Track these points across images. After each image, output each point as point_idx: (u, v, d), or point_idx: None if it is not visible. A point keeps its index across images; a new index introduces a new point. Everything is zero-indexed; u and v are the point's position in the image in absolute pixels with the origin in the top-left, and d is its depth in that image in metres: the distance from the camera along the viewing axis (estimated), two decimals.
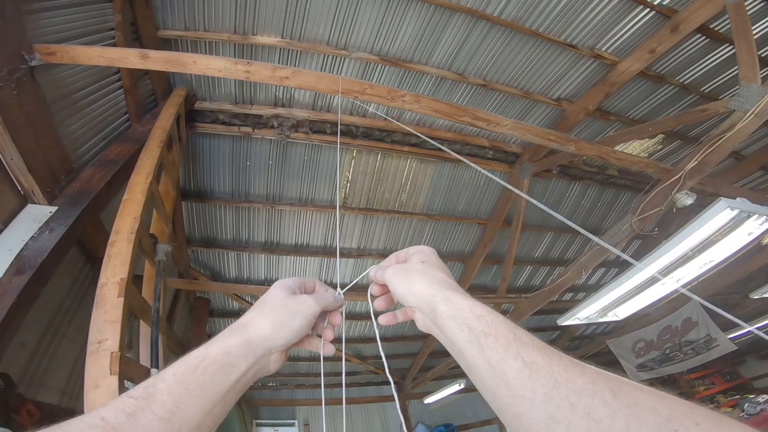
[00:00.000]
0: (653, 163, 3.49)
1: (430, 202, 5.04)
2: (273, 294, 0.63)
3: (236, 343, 0.53)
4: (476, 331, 0.46)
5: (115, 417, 0.41)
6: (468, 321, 0.48)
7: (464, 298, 0.52)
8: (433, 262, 0.63)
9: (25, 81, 2.09)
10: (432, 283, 0.57)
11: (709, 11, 3.14)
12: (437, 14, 3.25)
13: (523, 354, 0.41)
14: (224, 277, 5.29)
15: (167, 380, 0.47)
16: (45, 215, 2.20)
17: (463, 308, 0.50)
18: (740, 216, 2.86)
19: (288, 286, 0.65)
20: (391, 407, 8.17)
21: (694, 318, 6.73)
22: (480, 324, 0.47)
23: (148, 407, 0.43)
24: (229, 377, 0.51)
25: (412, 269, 0.62)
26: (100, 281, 1.78)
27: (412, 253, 0.67)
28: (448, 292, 0.54)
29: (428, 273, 0.60)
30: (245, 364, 0.53)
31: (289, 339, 0.58)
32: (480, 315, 0.48)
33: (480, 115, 2.91)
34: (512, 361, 0.41)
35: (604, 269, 6.88)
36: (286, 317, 0.59)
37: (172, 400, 0.44)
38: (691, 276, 3.57)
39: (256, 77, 2.44)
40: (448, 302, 0.52)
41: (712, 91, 4.15)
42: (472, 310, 0.49)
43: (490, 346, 0.44)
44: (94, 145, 2.78)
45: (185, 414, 0.45)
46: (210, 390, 0.48)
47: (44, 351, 2.75)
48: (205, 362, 0.50)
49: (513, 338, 0.44)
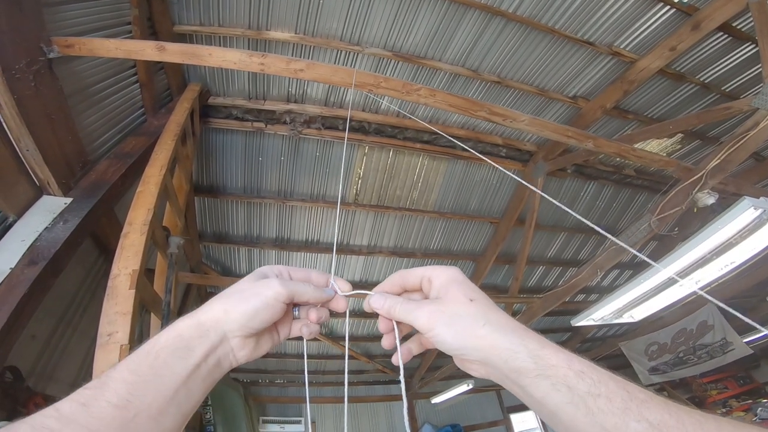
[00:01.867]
0: (674, 162, 3.41)
1: (442, 200, 4.99)
2: (240, 281, 0.58)
3: (186, 325, 0.51)
4: (580, 391, 0.40)
5: (69, 407, 0.41)
6: (567, 380, 0.41)
7: (555, 352, 0.44)
8: (485, 299, 0.51)
9: (43, 73, 2.10)
10: (505, 334, 0.47)
11: (732, 9, 3.06)
12: (451, 10, 3.21)
13: (647, 414, 0.36)
14: (235, 273, 5.30)
15: (120, 369, 0.46)
16: (60, 206, 2.20)
17: (557, 365, 0.42)
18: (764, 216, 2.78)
19: (260, 273, 0.59)
20: (398, 406, 8.13)
21: (710, 321, 6.59)
22: (584, 383, 0.40)
23: (101, 396, 0.42)
24: (187, 362, 0.48)
25: (465, 314, 0.49)
26: (112, 272, 1.77)
27: (442, 283, 0.54)
28: (532, 345, 0.45)
29: (492, 320, 0.48)
30: (201, 348, 0.50)
31: (241, 322, 0.52)
32: (581, 371, 0.41)
33: (496, 110, 2.86)
34: (635, 424, 0.36)
35: (618, 270, 6.77)
36: (240, 299, 0.54)
37: (125, 388, 0.43)
38: (710, 278, 3.48)
39: (270, 69, 2.42)
40: (536, 358, 0.43)
41: (733, 90, 4.05)
42: (570, 366, 0.42)
43: (602, 408, 0.38)
44: (109, 138, 2.79)
45: (142, 401, 0.43)
46: (166, 375, 0.46)
47: (55, 344, 2.77)
48: (156, 348, 0.48)
49: (629, 397, 0.38)
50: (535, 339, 0.45)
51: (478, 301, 0.51)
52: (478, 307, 0.50)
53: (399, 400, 8.09)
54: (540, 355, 0.43)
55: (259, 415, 7.15)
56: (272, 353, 6.90)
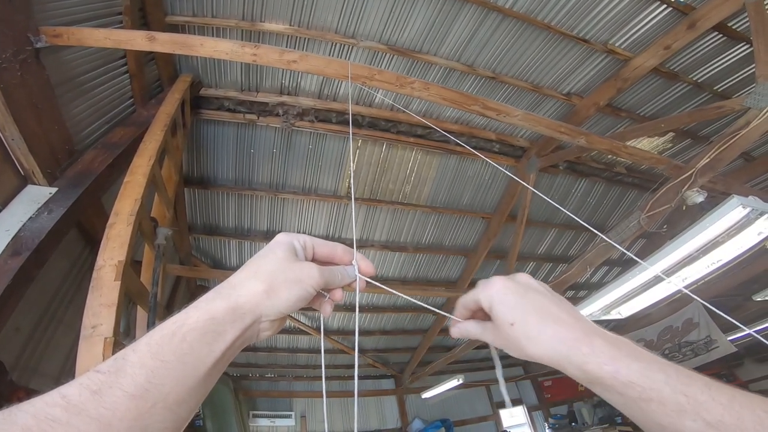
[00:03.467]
0: (665, 159, 3.44)
1: (435, 195, 4.99)
2: (274, 251, 0.53)
3: (222, 308, 0.46)
4: (631, 397, 0.42)
5: (78, 394, 0.36)
6: (615, 389, 0.43)
7: (600, 365, 0.44)
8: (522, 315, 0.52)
9: (30, 63, 2.08)
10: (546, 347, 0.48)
11: (729, 9, 3.07)
12: (448, 4, 3.18)
13: (705, 415, 0.38)
14: (225, 266, 5.26)
15: (140, 351, 0.40)
16: (45, 196, 2.16)
17: (603, 377, 0.44)
18: (751, 214, 2.82)
19: (292, 246, 0.55)
20: (388, 401, 8.19)
21: (695, 319, 6.71)
22: (633, 392, 0.42)
23: (116, 383, 0.37)
24: (213, 347, 0.44)
25: (510, 337, 0.52)
26: (97, 263, 1.74)
27: (488, 306, 0.55)
28: (576, 359, 0.46)
29: (532, 337, 0.50)
30: (233, 332, 0.45)
31: (281, 310, 0.50)
32: (629, 383, 0.42)
33: (490, 105, 2.86)
34: (690, 423, 0.38)
35: (607, 267, 6.85)
36: (283, 284, 0.50)
37: (144, 374, 0.38)
38: (697, 275, 3.53)
39: (263, 60, 2.39)
40: (583, 372, 0.45)
41: (725, 90, 4.08)
42: (615, 378, 0.43)
43: (655, 411, 0.40)
44: (97, 128, 2.76)
45: (160, 390, 0.39)
46: (189, 362, 0.42)
47: (39, 337, 2.71)
48: (183, 329, 0.43)
49: (686, 401, 0.39)
50: (577, 352, 0.46)
51: (517, 323, 0.51)
52: (517, 330, 0.51)
53: (389, 395, 8.14)
54: (585, 370, 0.45)
55: (249, 409, 7.14)
56: (262, 347, 6.88)
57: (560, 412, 9.23)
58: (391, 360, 8.13)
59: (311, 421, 7.45)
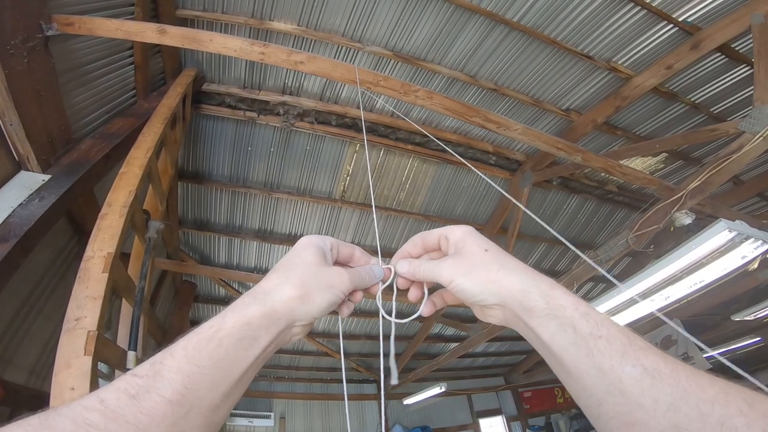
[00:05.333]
0: (656, 180, 3.51)
1: (429, 203, 5.01)
2: (304, 256, 0.54)
3: (258, 313, 0.46)
4: (583, 332, 0.41)
5: (116, 399, 0.36)
6: (573, 321, 0.42)
7: (564, 294, 0.45)
8: (499, 249, 0.53)
9: (38, 50, 2.06)
10: (519, 275, 0.48)
11: (734, 30, 3.11)
12: (456, 14, 3.21)
13: (643, 360, 0.37)
14: (213, 262, 5.18)
15: (177, 355, 0.41)
16: (37, 183, 2.11)
17: (565, 305, 0.43)
18: (737, 238, 2.89)
19: (321, 250, 0.56)
20: (369, 406, 8.13)
21: (674, 336, 6.86)
22: (588, 324, 0.41)
23: (154, 387, 0.37)
24: (248, 353, 0.44)
25: (482, 262, 0.51)
26: (86, 254, 1.71)
27: (458, 238, 0.55)
28: (544, 285, 0.46)
29: (507, 264, 0.50)
30: (267, 337, 0.46)
31: (314, 315, 0.51)
32: (586, 313, 0.42)
33: (491, 117, 2.89)
34: (630, 368, 0.37)
35: (593, 283, 6.96)
36: (316, 290, 0.51)
37: (181, 379, 0.39)
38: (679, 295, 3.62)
39: (270, 59, 2.38)
40: (546, 298, 0.45)
41: (722, 112, 4.14)
42: (576, 308, 0.43)
43: (601, 350, 0.39)
44: (97, 118, 2.72)
45: (195, 395, 0.39)
46: (224, 368, 0.42)
47: (17, 327, 2.64)
48: (220, 334, 0.43)
49: (628, 342, 0.39)
50: (546, 280, 0.47)
51: (492, 250, 0.53)
52: (491, 255, 0.52)
53: (371, 400, 8.10)
54: (550, 295, 0.45)
55: None
56: None
57: (538, 423, 9.31)
58: (375, 365, 8.09)
59: (290, 422, 7.35)
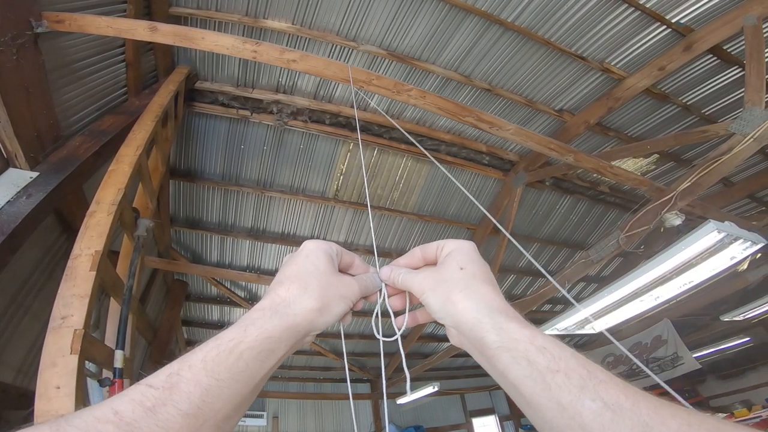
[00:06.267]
0: (647, 181, 3.54)
1: (422, 203, 5.01)
2: (317, 264, 0.53)
3: (280, 327, 0.45)
4: (539, 366, 0.39)
5: (131, 411, 0.34)
6: (527, 354, 0.41)
7: (520, 326, 0.43)
8: (477, 270, 0.51)
9: (28, 47, 2.03)
10: (477, 302, 0.47)
11: (727, 32, 3.15)
12: (451, 14, 3.22)
13: (603, 394, 0.36)
14: (205, 261, 5.15)
15: (195, 367, 0.39)
16: (25, 180, 2.08)
17: (519, 339, 0.42)
18: (726, 239, 2.93)
19: (330, 257, 0.55)
20: (363, 405, 8.14)
21: (664, 336, 6.96)
22: (544, 358, 0.40)
23: (170, 400, 0.36)
24: (265, 364, 0.44)
25: (450, 280, 0.50)
26: (74, 252, 1.69)
27: (447, 252, 0.55)
28: (499, 318, 0.44)
29: (471, 288, 0.48)
30: (283, 348, 0.46)
31: (329, 324, 0.51)
32: (543, 347, 0.40)
33: (484, 117, 2.89)
34: (589, 402, 0.36)
35: (584, 283, 7.01)
36: (332, 300, 0.51)
37: (199, 393, 0.37)
38: (669, 295, 3.66)
39: (263, 58, 2.37)
40: (499, 331, 0.43)
41: (713, 114, 4.18)
42: (532, 342, 0.41)
43: (559, 384, 0.38)
44: (87, 115, 2.68)
45: (211, 408, 0.38)
46: (241, 380, 0.41)
47: (5, 325, 2.61)
48: (241, 347, 0.42)
49: (587, 375, 0.38)
50: (503, 313, 0.45)
51: (468, 270, 0.51)
52: (464, 275, 0.50)
53: (364, 399, 8.09)
54: (504, 328, 0.43)
55: None
56: None
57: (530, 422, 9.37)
58: (368, 364, 8.10)
59: (283, 422, 7.34)
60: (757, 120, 2.70)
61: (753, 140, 2.72)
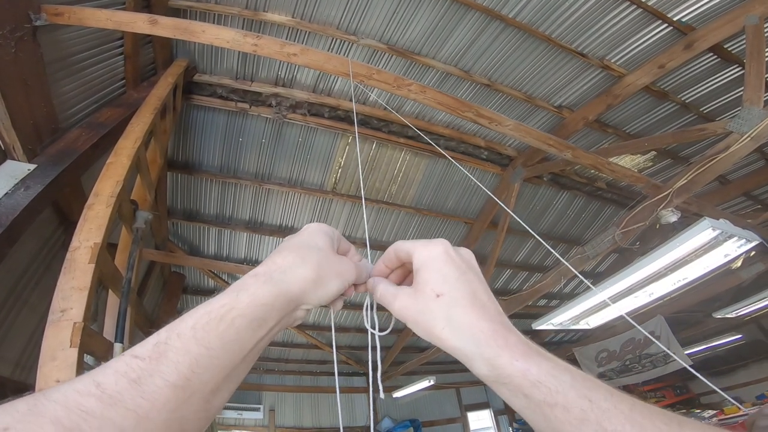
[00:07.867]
0: (644, 178, 3.56)
1: (420, 197, 5.02)
2: (317, 241, 0.52)
3: (273, 293, 0.43)
4: (536, 400, 0.38)
5: (114, 383, 0.32)
6: (522, 389, 0.39)
7: (511, 359, 0.41)
8: (455, 292, 0.46)
9: (26, 40, 2.02)
10: (461, 337, 0.44)
11: (728, 30, 3.15)
12: (452, 9, 3.20)
13: (606, 425, 0.35)
14: (202, 253, 5.14)
15: (185, 335, 0.37)
16: (23, 172, 2.07)
17: (512, 374, 0.40)
18: (720, 237, 2.96)
19: (331, 237, 0.54)
20: (359, 399, 8.19)
21: (657, 332, 7.00)
22: (540, 393, 0.38)
23: (156, 371, 0.34)
24: (256, 334, 0.42)
25: (427, 311, 0.46)
26: (72, 245, 1.68)
27: (417, 267, 0.49)
28: (488, 352, 0.42)
29: (453, 320, 0.45)
30: (276, 318, 0.44)
31: (321, 300, 0.49)
32: (537, 382, 0.39)
33: (483, 113, 2.90)
34: None
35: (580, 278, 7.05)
36: (328, 274, 0.49)
37: (188, 362, 0.35)
38: (663, 292, 3.71)
39: (263, 51, 2.36)
40: (491, 367, 0.41)
41: (711, 112, 4.19)
42: (525, 377, 0.39)
43: (558, 418, 0.37)
44: (85, 107, 2.67)
45: (200, 378, 0.36)
46: (232, 349, 0.39)
47: (2, 318, 2.61)
48: (232, 313, 0.40)
49: (589, 407, 0.36)
50: (493, 343, 0.42)
51: (445, 297, 0.46)
52: (441, 305, 0.46)
53: (360, 393, 8.14)
54: (495, 365, 0.41)
55: None
56: None
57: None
58: (365, 358, 8.14)
59: (280, 415, 7.38)
60: (754, 119, 2.72)
61: (750, 139, 2.74)
